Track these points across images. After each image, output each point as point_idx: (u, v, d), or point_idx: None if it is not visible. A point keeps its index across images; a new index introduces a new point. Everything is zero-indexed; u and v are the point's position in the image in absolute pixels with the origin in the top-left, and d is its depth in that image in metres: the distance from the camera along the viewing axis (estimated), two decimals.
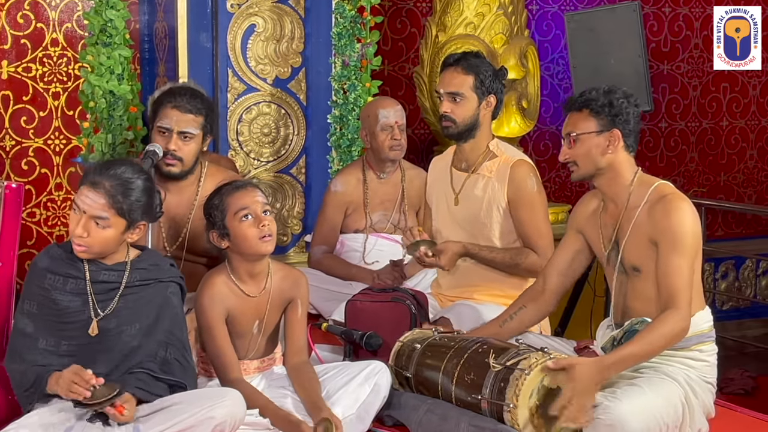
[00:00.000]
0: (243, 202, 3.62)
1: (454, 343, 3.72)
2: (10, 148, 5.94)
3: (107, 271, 3.39)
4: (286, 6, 5.67)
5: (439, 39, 6.17)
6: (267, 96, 5.68)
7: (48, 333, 3.34)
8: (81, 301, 3.36)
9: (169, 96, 4.21)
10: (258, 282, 3.72)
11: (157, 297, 3.42)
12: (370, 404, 3.61)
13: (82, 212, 3.31)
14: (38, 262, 3.42)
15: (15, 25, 5.88)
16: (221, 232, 3.65)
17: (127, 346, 3.35)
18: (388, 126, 5.04)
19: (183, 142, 4.16)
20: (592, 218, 3.82)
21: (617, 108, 3.63)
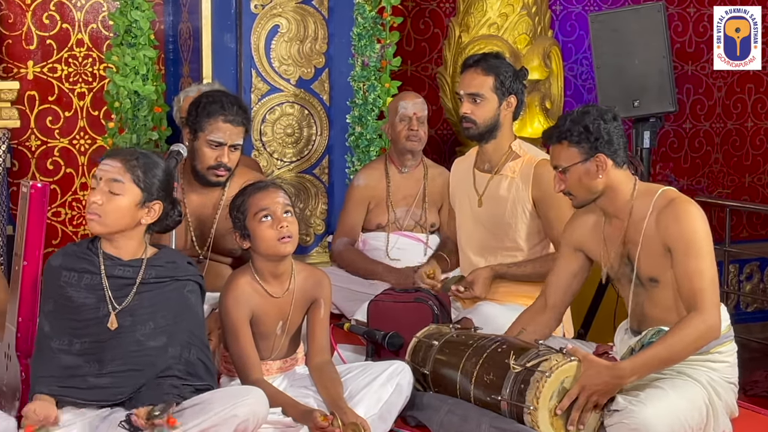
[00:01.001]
0: (263, 203, 3.63)
1: (473, 341, 3.71)
2: (36, 148, 5.98)
3: (123, 266, 3.40)
4: (309, 7, 5.68)
5: (463, 39, 6.17)
6: (290, 96, 5.70)
7: (62, 332, 3.35)
8: (96, 298, 3.36)
9: (220, 108, 4.21)
10: (281, 282, 3.73)
11: (175, 296, 3.43)
12: (392, 404, 3.62)
13: (99, 180, 3.35)
14: (53, 261, 3.43)
15: (41, 26, 5.92)
16: (243, 232, 3.66)
17: (141, 345, 3.36)
18: (406, 117, 5.07)
19: (233, 154, 4.21)
20: (593, 234, 3.77)
21: (595, 132, 3.58)
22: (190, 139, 4.25)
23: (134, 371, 3.34)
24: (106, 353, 3.34)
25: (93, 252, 3.41)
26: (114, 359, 3.34)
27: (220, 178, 4.24)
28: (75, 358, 3.34)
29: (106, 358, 3.34)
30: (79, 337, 3.35)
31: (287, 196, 3.70)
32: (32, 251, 3.60)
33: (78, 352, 3.34)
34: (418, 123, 5.06)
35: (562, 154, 3.64)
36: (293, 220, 3.65)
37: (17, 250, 3.65)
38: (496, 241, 4.42)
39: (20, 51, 5.89)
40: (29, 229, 3.59)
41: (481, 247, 4.48)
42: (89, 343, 3.34)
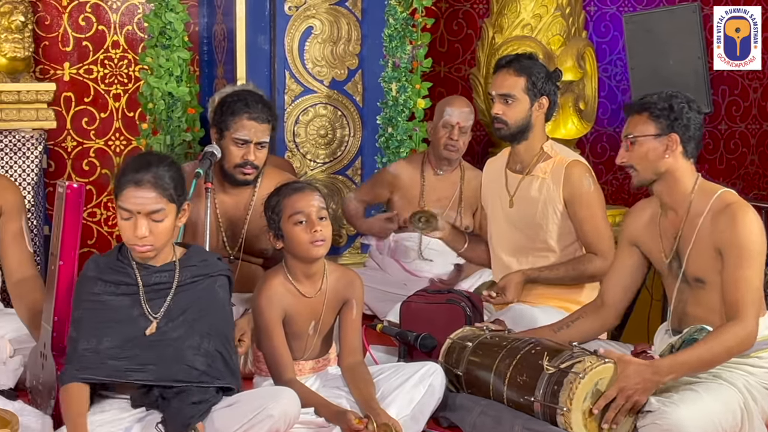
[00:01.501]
0: (298, 206, 3.63)
1: (506, 343, 3.71)
2: (72, 148, 6.03)
3: (158, 273, 3.41)
4: (342, 8, 5.70)
5: (496, 40, 6.16)
6: (323, 98, 5.72)
7: (90, 334, 3.36)
8: (131, 301, 3.39)
9: (244, 106, 4.24)
10: (314, 282, 3.74)
11: (207, 293, 3.44)
12: (424, 405, 3.62)
13: (136, 214, 3.32)
14: (87, 272, 3.44)
15: (77, 28, 5.97)
16: (276, 233, 3.67)
17: (173, 341, 3.37)
18: (448, 124, 5.08)
19: (259, 151, 4.22)
20: (649, 227, 3.77)
21: (677, 112, 3.60)
22: (217, 138, 4.28)
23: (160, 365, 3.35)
24: (137, 351, 3.36)
25: (126, 263, 3.42)
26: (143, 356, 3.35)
27: (247, 176, 4.25)
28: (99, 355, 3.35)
29: (137, 356, 3.35)
30: (108, 335, 3.36)
31: (322, 197, 3.70)
32: (68, 251, 3.62)
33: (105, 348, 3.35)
34: (460, 133, 5.08)
35: (638, 125, 3.64)
36: (327, 223, 3.65)
37: (53, 250, 3.68)
38: (527, 241, 4.41)
39: (57, 53, 5.94)
40: (65, 230, 3.62)
41: (513, 247, 4.47)
42: (119, 342, 3.36)
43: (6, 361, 3.95)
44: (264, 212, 3.74)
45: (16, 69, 5.32)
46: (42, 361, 3.71)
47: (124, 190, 3.33)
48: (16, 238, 4.25)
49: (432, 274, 5.00)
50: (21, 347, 4.03)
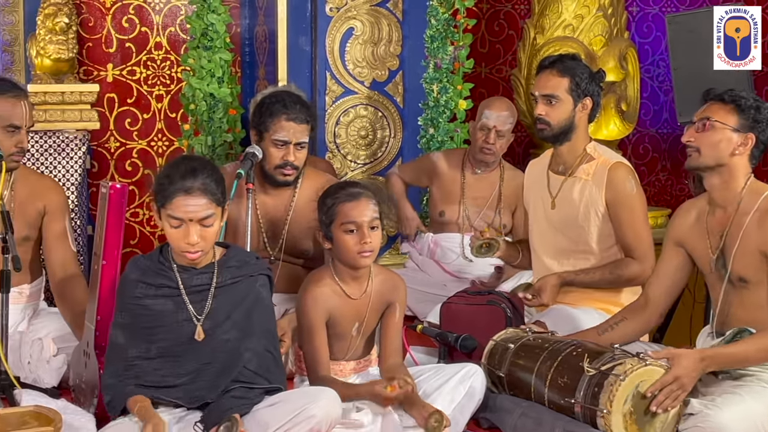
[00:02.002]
0: (351, 215, 3.60)
1: (548, 345, 3.70)
2: (115, 149, 6.08)
3: (198, 275, 3.42)
4: (383, 9, 5.70)
5: (537, 41, 6.14)
6: (364, 99, 5.72)
7: (139, 340, 3.38)
8: (174, 304, 3.40)
9: (282, 107, 4.25)
10: (360, 284, 3.74)
11: (248, 293, 3.45)
12: (464, 406, 3.61)
13: (187, 221, 3.32)
14: (129, 274, 3.46)
15: (120, 29, 6.02)
16: (326, 234, 3.67)
17: (223, 344, 3.39)
18: (485, 127, 5.07)
19: (299, 152, 4.24)
20: (695, 226, 3.75)
21: (763, 115, 3.60)
22: (256, 140, 4.30)
23: (213, 369, 3.37)
24: (188, 356, 3.38)
25: (167, 265, 3.43)
26: (191, 361, 3.38)
27: (287, 177, 4.27)
28: (152, 362, 3.38)
29: (185, 360, 3.38)
30: (157, 342, 3.38)
31: (377, 205, 3.66)
32: (111, 251, 3.66)
33: (156, 355, 3.38)
34: (496, 136, 5.07)
35: (721, 112, 3.63)
36: (378, 233, 3.64)
37: (96, 250, 3.71)
38: (569, 244, 4.39)
39: (100, 54, 5.99)
40: (108, 230, 3.65)
41: (554, 249, 4.45)
42: (168, 347, 3.37)
43: (49, 360, 3.99)
44: (318, 209, 3.74)
45: (61, 70, 5.36)
46: (85, 360, 3.74)
47: (173, 199, 3.32)
48: (60, 238, 4.29)
49: (472, 275, 5.00)
50: (64, 346, 4.07)
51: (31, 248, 4.29)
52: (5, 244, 3.71)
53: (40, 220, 4.29)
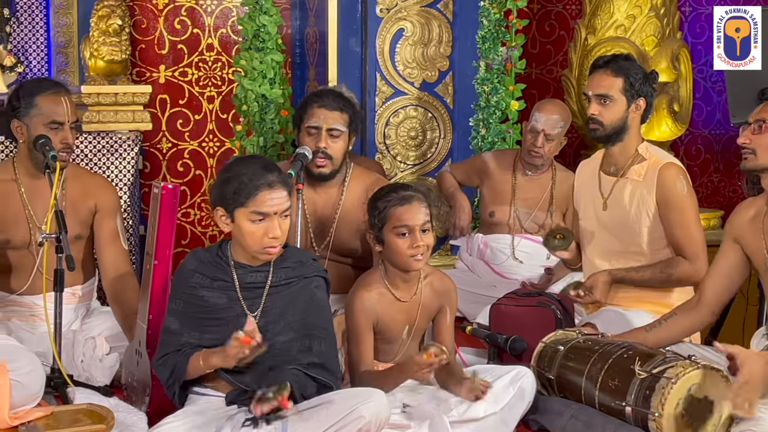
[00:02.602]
0: (404, 218, 3.61)
1: (598, 347, 3.68)
2: (167, 150, 6.13)
3: (254, 272, 3.45)
4: (434, 10, 5.70)
5: (589, 42, 6.11)
6: (414, 99, 5.72)
7: (192, 327, 3.43)
8: (227, 298, 3.43)
9: (314, 96, 4.32)
10: (410, 287, 3.74)
11: (303, 294, 3.48)
12: (513, 407, 3.60)
13: (271, 215, 3.37)
14: (187, 264, 3.50)
15: (172, 31, 6.07)
16: (377, 236, 3.68)
17: (278, 344, 3.41)
18: (535, 130, 5.05)
19: (332, 140, 4.23)
20: (752, 224, 3.73)
21: None
22: (296, 135, 4.33)
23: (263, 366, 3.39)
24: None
25: (224, 261, 3.47)
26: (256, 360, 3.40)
27: (321, 169, 4.24)
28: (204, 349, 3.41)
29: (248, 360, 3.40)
30: (209, 333, 3.42)
31: (428, 208, 3.67)
32: (163, 251, 3.69)
33: (208, 345, 3.41)
34: (545, 140, 5.04)
35: None
36: (430, 235, 3.64)
37: (148, 250, 3.75)
38: (620, 245, 4.36)
39: (153, 55, 6.05)
40: (160, 230, 3.68)
41: (605, 251, 4.42)
42: (221, 340, 3.39)
43: (102, 359, 4.04)
44: (368, 211, 3.74)
45: (114, 72, 5.41)
46: (137, 359, 3.78)
47: (257, 194, 3.35)
48: (112, 237, 4.33)
49: (521, 277, 4.98)
50: (117, 345, 4.11)
51: (83, 247, 4.34)
52: (59, 244, 3.76)
53: (92, 218, 4.34)
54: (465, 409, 3.54)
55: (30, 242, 4.20)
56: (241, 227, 3.39)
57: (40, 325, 4.14)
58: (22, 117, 4.16)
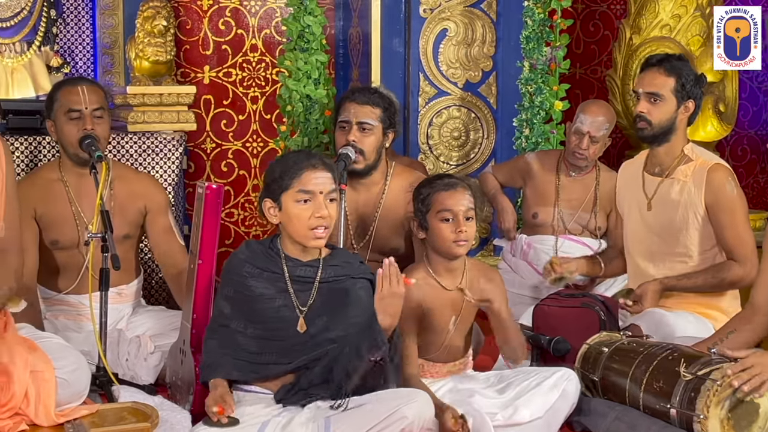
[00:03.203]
0: (448, 203, 3.64)
1: (643, 349, 3.66)
2: (211, 150, 6.16)
3: (303, 266, 3.48)
4: (477, 10, 5.70)
5: (634, 42, 6.07)
6: (457, 100, 5.72)
7: (240, 315, 3.46)
8: (275, 290, 3.46)
9: (349, 93, 4.35)
10: (454, 276, 3.74)
11: (349, 293, 3.49)
12: (558, 410, 3.59)
13: (317, 194, 3.41)
14: (238, 253, 3.55)
15: (217, 32, 6.10)
16: (421, 223, 3.70)
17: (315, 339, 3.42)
18: (580, 132, 5.02)
19: (362, 134, 4.23)
20: None
21: None
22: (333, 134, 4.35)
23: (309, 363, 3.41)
24: (285, 345, 3.43)
25: (275, 253, 3.50)
26: (291, 352, 3.43)
27: (355, 165, 4.23)
28: (248, 340, 3.45)
29: (284, 349, 3.43)
30: (255, 323, 3.45)
31: (473, 197, 3.69)
32: (207, 250, 3.70)
33: (252, 336, 3.44)
34: (590, 142, 5.01)
35: None
36: (472, 224, 3.66)
37: (193, 249, 3.77)
38: (665, 246, 4.33)
39: (197, 56, 6.09)
40: (204, 229, 3.70)
41: (650, 252, 4.39)
42: (264, 331, 3.43)
43: (147, 357, 4.07)
44: (413, 199, 3.76)
45: (159, 72, 5.45)
46: (181, 358, 3.80)
47: (301, 174, 3.42)
48: (167, 233, 4.38)
49: None
50: (162, 343, 4.13)
51: (131, 247, 4.38)
52: (105, 243, 3.79)
53: (142, 218, 4.38)
54: (510, 414, 3.53)
55: (78, 242, 4.24)
56: (289, 211, 3.43)
57: (86, 324, 4.18)
58: (51, 115, 4.24)
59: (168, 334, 4.18)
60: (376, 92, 4.35)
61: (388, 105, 4.31)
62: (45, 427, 3.24)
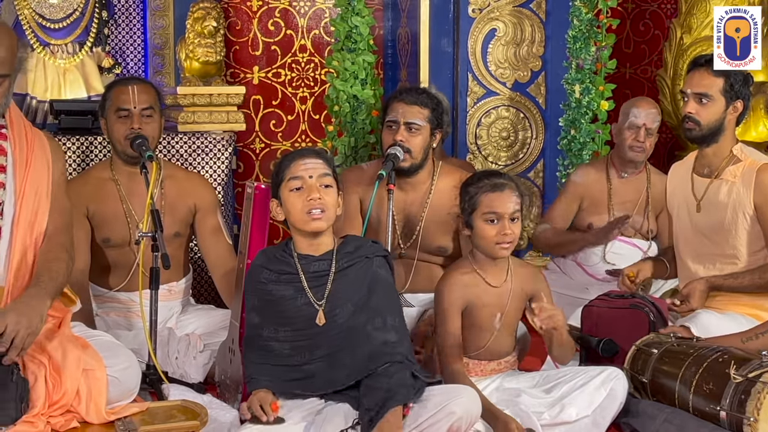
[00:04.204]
0: (494, 205, 3.65)
1: (693, 351, 3.64)
2: (260, 150, 6.19)
3: (317, 261, 3.50)
4: (526, 10, 5.68)
5: (684, 41, 6.02)
6: (506, 100, 5.70)
7: (269, 321, 3.48)
8: (294, 290, 3.48)
9: (397, 93, 4.35)
10: (499, 273, 3.75)
11: (366, 273, 3.51)
12: (605, 409, 3.58)
13: (306, 179, 3.45)
14: (256, 261, 3.58)
15: (266, 32, 6.13)
16: (467, 221, 3.70)
17: (343, 327, 3.43)
18: (634, 126, 4.97)
19: (410, 134, 4.23)
20: None
21: None
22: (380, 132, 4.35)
23: (342, 353, 3.41)
24: (313, 341, 3.44)
25: (288, 254, 3.52)
26: (320, 346, 3.44)
27: (402, 163, 4.24)
28: (282, 344, 3.46)
29: (314, 345, 3.44)
30: (284, 326, 3.47)
31: (520, 197, 3.69)
32: (256, 250, 3.73)
33: (284, 339, 3.46)
34: (646, 134, 4.97)
35: None
36: (517, 225, 3.66)
37: (242, 248, 3.80)
38: (714, 247, 4.30)
39: (246, 57, 6.12)
40: (253, 229, 3.73)
41: (699, 254, 4.36)
42: (292, 331, 3.45)
43: (196, 356, 4.10)
44: (460, 195, 3.77)
45: (208, 73, 5.49)
46: (230, 357, 3.82)
47: (290, 165, 3.49)
48: (215, 233, 4.42)
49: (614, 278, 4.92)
50: (211, 342, 4.17)
51: (181, 246, 4.42)
52: (155, 242, 3.82)
53: (191, 217, 4.42)
54: (557, 412, 3.53)
55: (129, 240, 4.29)
56: (287, 203, 3.49)
57: (136, 320, 4.23)
58: (104, 113, 4.31)
59: (217, 333, 4.21)
60: (425, 92, 4.35)
61: (436, 105, 4.31)
62: (96, 425, 3.28)
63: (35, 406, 3.18)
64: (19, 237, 3.35)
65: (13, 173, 3.39)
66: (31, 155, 3.43)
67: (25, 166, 3.41)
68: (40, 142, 3.48)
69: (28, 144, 3.44)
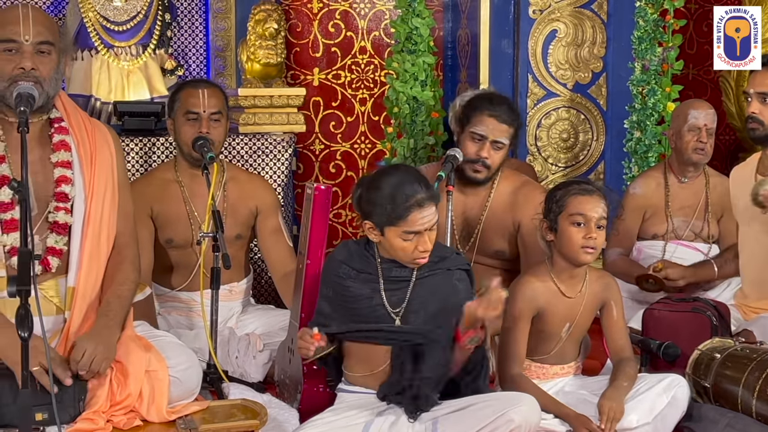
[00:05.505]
0: (582, 208, 3.60)
1: (756, 356, 3.60)
2: (320, 151, 6.22)
3: (399, 267, 3.47)
4: (587, 11, 5.65)
5: None
6: (566, 101, 5.67)
7: (339, 315, 3.48)
8: (370, 290, 3.47)
9: (488, 104, 4.26)
10: (575, 283, 3.72)
11: (445, 285, 3.48)
12: (667, 416, 3.55)
13: (424, 230, 3.37)
14: (336, 254, 3.56)
15: (326, 34, 6.15)
16: (552, 224, 3.67)
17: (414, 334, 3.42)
18: (695, 127, 4.92)
19: (495, 151, 4.22)
20: None
21: None
22: (458, 132, 4.32)
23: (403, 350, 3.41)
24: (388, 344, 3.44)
25: (371, 254, 3.50)
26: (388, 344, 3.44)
27: (477, 175, 4.24)
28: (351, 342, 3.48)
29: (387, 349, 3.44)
30: (354, 323, 3.46)
31: (607, 205, 3.65)
32: (315, 250, 3.74)
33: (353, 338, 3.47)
34: (708, 135, 4.92)
35: None
36: (603, 233, 3.62)
37: (301, 249, 3.81)
38: None
39: (307, 58, 6.15)
40: (312, 230, 3.74)
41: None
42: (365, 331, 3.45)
43: (256, 356, 4.12)
44: (545, 200, 3.74)
45: (269, 75, 5.52)
46: (289, 356, 3.84)
47: (408, 215, 3.34)
48: (276, 234, 4.44)
49: None
50: (270, 342, 4.19)
51: (242, 247, 4.45)
52: (216, 243, 3.85)
53: (253, 219, 4.45)
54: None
55: (191, 241, 4.33)
56: (392, 243, 3.40)
57: (197, 320, 4.26)
58: (172, 114, 4.34)
59: (277, 333, 4.23)
60: (512, 108, 4.32)
61: (520, 124, 4.32)
62: (157, 423, 3.31)
63: (97, 403, 3.22)
64: (90, 236, 3.38)
65: (80, 169, 3.41)
66: (95, 149, 3.44)
67: (90, 161, 3.42)
68: (101, 135, 3.49)
69: (89, 137, 3.45)
